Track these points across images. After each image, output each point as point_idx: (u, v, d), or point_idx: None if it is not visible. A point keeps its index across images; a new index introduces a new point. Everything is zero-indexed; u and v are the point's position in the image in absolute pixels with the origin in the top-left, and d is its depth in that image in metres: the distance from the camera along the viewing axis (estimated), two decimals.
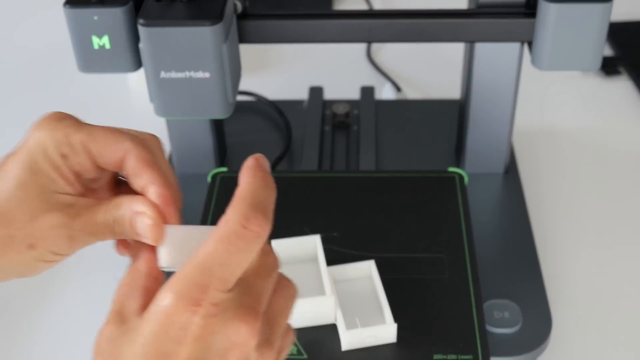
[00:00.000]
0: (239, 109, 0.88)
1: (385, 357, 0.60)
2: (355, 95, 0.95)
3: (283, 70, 1.05)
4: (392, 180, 0.74)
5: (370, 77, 1.03)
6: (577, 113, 0.97)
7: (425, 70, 1.05)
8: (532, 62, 0.69)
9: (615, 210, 0.82)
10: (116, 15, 0.62)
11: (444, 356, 0.59)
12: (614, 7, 0.65)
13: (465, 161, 0.81)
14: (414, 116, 0.91)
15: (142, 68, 0.65)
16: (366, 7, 1.16)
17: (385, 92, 0.99)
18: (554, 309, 0.69)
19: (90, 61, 0.65)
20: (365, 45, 1.08)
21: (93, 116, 0.48)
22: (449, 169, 0.75)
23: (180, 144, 0.82)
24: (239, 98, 0.92)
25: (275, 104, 0.92)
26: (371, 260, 0.65)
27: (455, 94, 0.93)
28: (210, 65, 0.62)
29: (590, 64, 0.67)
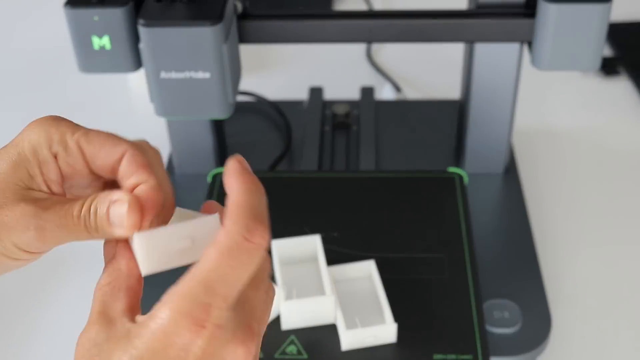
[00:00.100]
0: (239, 109, 0.88)
1: (385, 357, 0.60)
2: (355, 95, 0.95)
3: (283, 70, 1.06)
4: (392, 180, 0.75)
5: (370, 77, 1.03)
6: (577, 113, 0.97)
7: (425, 71, 1.05)
8: (532, 62, 0.69)
9: (614, 210, 0.82)
10: (116, 16, 0.62)
11: (444, 356, 0.59)
12: (613, 8, 0.65)
13: (465, 161, 0.82)
14: (414, 116, 0.91)
15: (142, 68, 0.65)
16: (366, 7, 1.16)
17: (385, 92, 0.99)
18: (554, 308, 0.70)
19: (90, 61, 0.65)
20: (365, 45, 1.08)
21: (93, 116, 0.49)
22: (449, 169, 0.75)
23: (180, 144, 0.82)
24: (239, 98, 0.92)
25: (275, 104, 0.92)
26: (371, 260, 0.65)
27: (455, 94, 0.93)
28: (210, 65, 0.63)
29: (589, 64, 0.67)
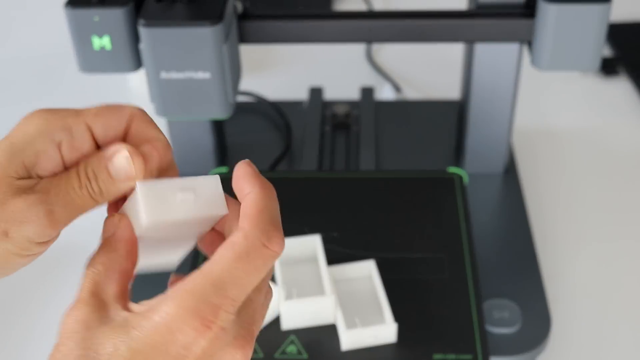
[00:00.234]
0: (239, 109, 0.88)
1: (385, 357, 0.60)
2: (355, 95, 0.95)
3: (283, 71, 1.06)
4: (392, 181, 0.75)
5: (370, 78, 1.03)
6: (577, 113, 0.97)
7: (425, 71, 1.05)
8: (532, 62, 0.69)
9: (614, 210, 0.82)
10: (117, 16, 0.62)
11: (444, 356, 0.59)
12: (613, 8, 0.65)
13: (465, 161, 0.82)
14: (414, 116, 0.91)
15: (143, 68, 0.65)
16: (366, 7, 1.16)
17: (385, 93, 0.99)
18: (554, 308, 0.70)
19: (90, 61, 0.65)
20: (365, 45, 1.08)
21: None
22: (449, 169, 0.75)
23: (180, 144, 0.82)
24: (239, 98, 0.92)
25: (276, 105, 0.92)
26: (371, 260, 0.65)
27: (455, 94, 0.93)
28: (210, 65, 0.63)
29: (589, 64, 0.67)
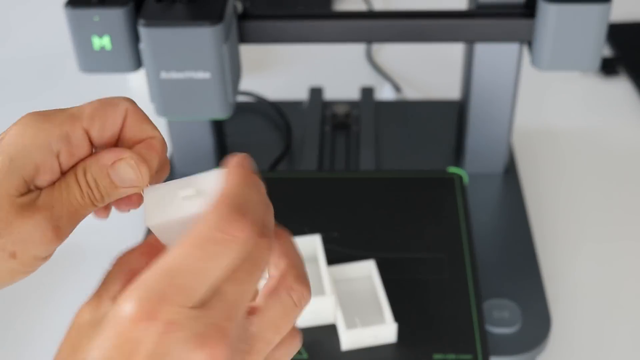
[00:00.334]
0: (239, 109, 0.88)
1: (385, 357, 0.60)
2: (355, 95, 0.95)
3: (283, 71, 1.06)
4: (392, 181, 0.75)
5: (370, 78, 1.03)
6: (576, 113, 0.97)
7: (425, 71, 1.05)
8: (532, 62, 0.69)
9: (614, 210, 0.82)
10: (117, 16, 0.62)
11: (444, 356, 0.59)
12: (613, 8, 0.65)
13: (465, 161, 0.82)
14: (414, 116, 0.91)
15: (143, 68, 0.66)
16: (366, 7, 1.16)
17: (385, 93, 0.99)
18: (554, 308, 0.70)
19: (91, 61, 0.65)
20: (365, 45, 1.08)
21: None
22: (449, 169, 0.75)
23: (180, 144, 0.82)
24: (239, 98, 0.92)
25: (276, 105, 0.92)
26: (371, 260, 0.65)
27: (455, 94, 0.93)
28: (210, 65, 0.63)
29: (589, 64, 0.67)
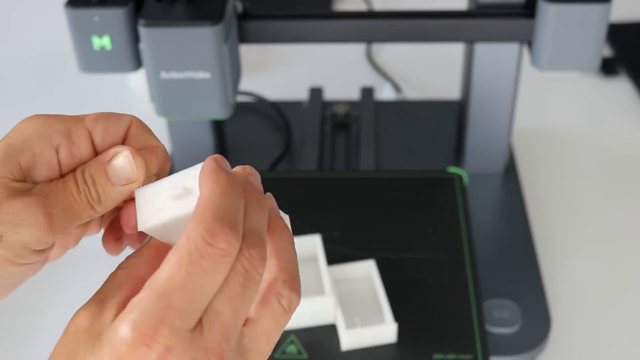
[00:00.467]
0: (239, 109, 0.88)
1: (385, 357, 0.60)
2: (355, 95, 0.95)
3: (283, 71, 1.06)
4: (392, 181, 0.75)
5: (370, 78, 1.03)
6: (576, 113, 0.97)
7: (425, 70, 1.05)
8: (532, 62, 0.69)
9: (614, 210, 0.82)
10: (117, 16, 0.63)
11: (444, 356, 0.59)
12: (613, 8, 0.65)
13: (465, 161, 0.82)
14: (414, 116, 0.91)
15: (143, 68, 0.66)
16: (366, 7, 1.16)
17: (385, 93, 0.99)
18: (554, 308, 0.70)
19: (91, 61, 0.65)
20: (365, 45, 1.08)
21: None
22: (449, 169, 0.75)
23: (180, 144, 0.82)
24: (239, 98, 0.92)
25: (276, 105, 0.92)
26: (371, 260, 0.65)
27: (455, 94, 0.93)
28: (210, 65, 0.63)
29: (589, 64, 0.67)
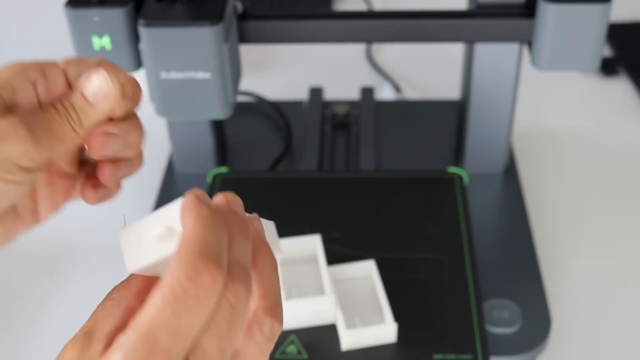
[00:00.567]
0: (239, 109, 0.88)
1: (385, 357, 0.60)
2: (355, 95, 0.95)
3: (283, 71, 1.06)
4: (392, 180, 0.75)
5: (370, 78, 1.03)
6: (576, 113, 0.97)
7: (425, 71, 1.05)
8: (532, 63, 0.69)
9: (614, 210, 0.82)
10: (117, 16, 0.63)
11: (444, 356, 0.59)
12: (613, 8, 0.65)
13: (465, 161, 0.82)
14: (414, 116, 0.91)
15: (143, 68, 0.66)
16: (366, 7, 1.16)
17: (385, 93, 0.99)
18: (554, 308, 0.70)
19: None
20: (365, 45, 1.08)
21: None
22: (449, 169, 0.75)
23: (180, 144, 0.82)
24: (239, 98, 0.92)
25: (276, 105, 0.92)
26: (371, 260, 0.65)
27: (455, 94, 0.93)
28: (210, 65, 0.63)
29: (589, 64, 0.67)
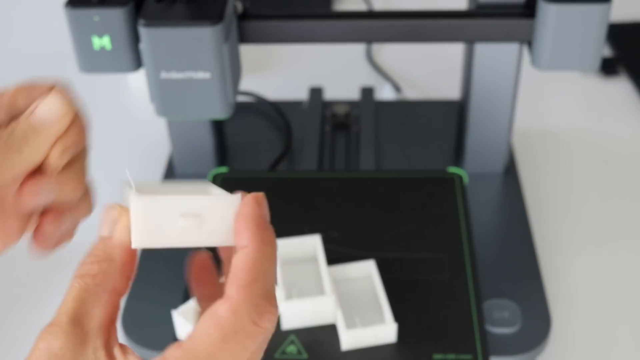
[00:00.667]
0: (239, 109, 0.88)
1: (385, 357, 0.60)
2: (355, 95, 0.95)
3: (283, 71, 1.06)
4: (392, 180, 0.75)
5: (370, 78, 1.03)
6: (576, 113, 0.97)
7: (425, 71, 1.05)
8: (532, 63, 0.69)
9: (614, 210, 0.82)
10: (117, 16, 0.62)
11: (444, 356, 0.59)
12: (613, 8, 0.65)
13: (465, 161, 0.82)
14: (414, 116, 0.91)
15: (143, 68, 0.65)
16: (366, 7, 1.16)
17: (385, 93, 0.99)
18: (554, 308, 0.70)
19: (90, 61, 0.65)
20: (365, 45, 1.08)
21: (93, 116, 0.48)
22: (449, 169, 0.75)
23: (180, 144, 0.82)
24: (239, 98, 0.92)
25: (276, 105, 0.92)
26: (371, 260, 0.65)
27: (455, 94, 0.93)
28: (210, 65, 0.63)
29: (589, 64, 0.67)
